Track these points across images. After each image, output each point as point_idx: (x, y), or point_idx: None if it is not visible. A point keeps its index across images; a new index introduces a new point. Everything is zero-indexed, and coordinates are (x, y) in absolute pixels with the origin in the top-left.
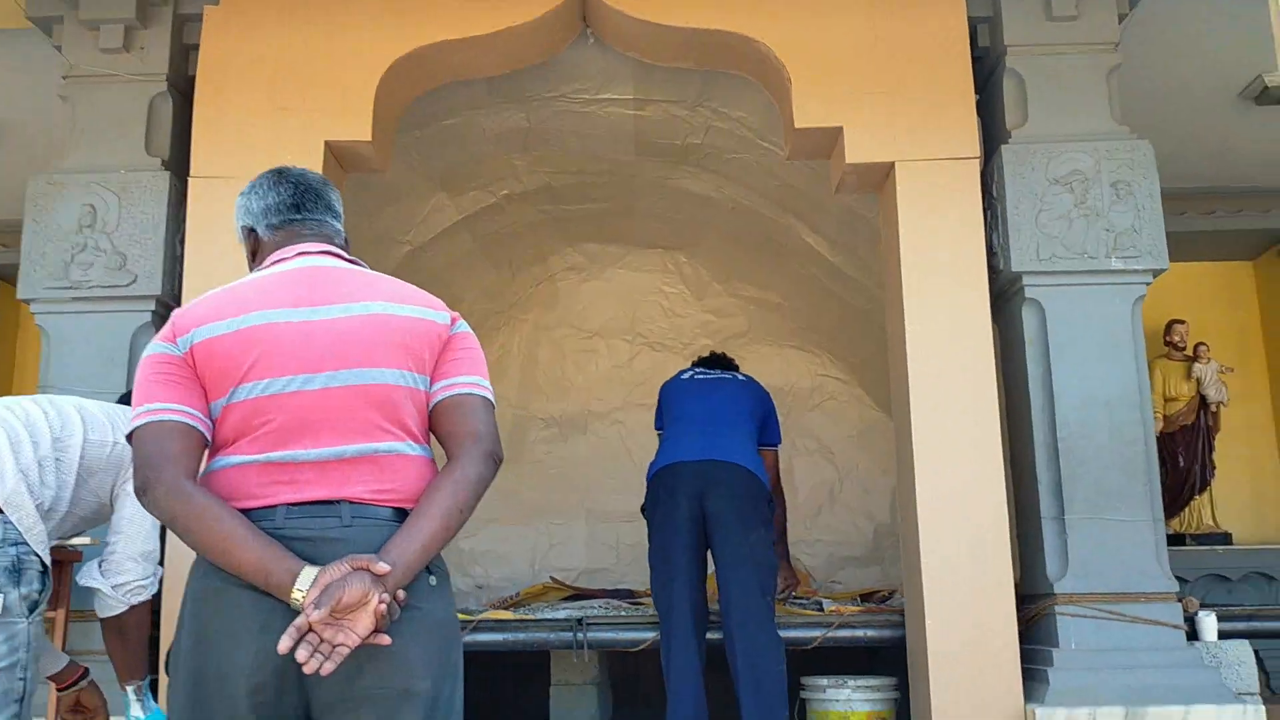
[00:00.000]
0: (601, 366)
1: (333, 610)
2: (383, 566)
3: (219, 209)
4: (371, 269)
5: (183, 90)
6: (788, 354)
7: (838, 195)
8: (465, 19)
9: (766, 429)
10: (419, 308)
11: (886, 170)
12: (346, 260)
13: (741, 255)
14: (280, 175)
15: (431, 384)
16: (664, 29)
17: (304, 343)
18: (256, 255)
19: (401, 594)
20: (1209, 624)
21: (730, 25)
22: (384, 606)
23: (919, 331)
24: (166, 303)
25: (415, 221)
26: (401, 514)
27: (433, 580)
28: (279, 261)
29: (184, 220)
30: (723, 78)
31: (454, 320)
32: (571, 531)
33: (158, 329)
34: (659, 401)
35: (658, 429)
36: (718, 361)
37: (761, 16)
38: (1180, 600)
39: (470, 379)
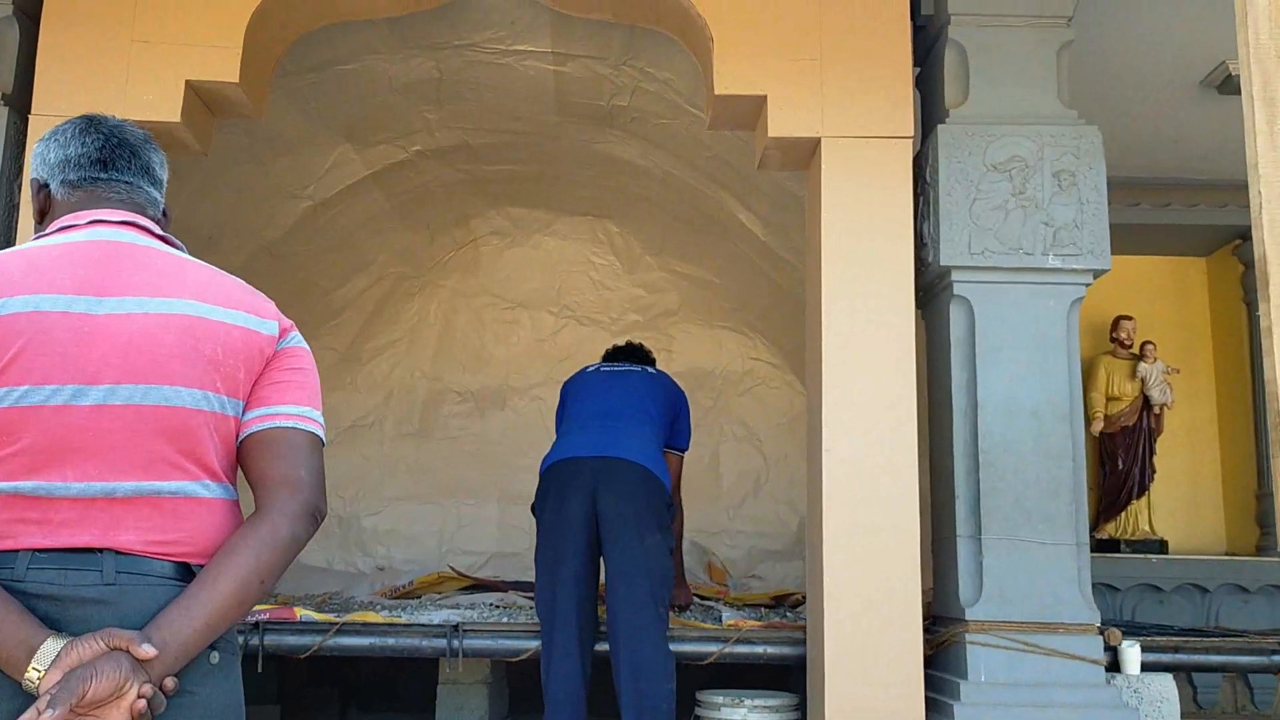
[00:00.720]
0: (523, 339)
1: (75, 706)
2: (147, 650)
3: None
4: (190, 253)
5: (33, 16)
6: (720, 335)
7: (763, 171)
8: None
9: (674, 430)
10: (239, 312)
11: (812, 147)
12: (156, 237)
13: (674, 228)
14: (90, 123)
15: (245, 411)
16: None
17: (80, 343)
18: (45, 218)
19: (171, 681)
20: (1132, 656)
21: None
22: (143, 703)
23: (836, 325)
24: None
25: (316, 174)
26: (188, 572)
27: (215, 657)
28: (67, 229)
29: (25, 165)
30: (648, 34)
31: (284, 331)
32: (483, 512)
33: None
34: (560, 398)
35: (558, 428)
36: (631, 353)
37: None
38: (1102, 632)
39: (296, 408)
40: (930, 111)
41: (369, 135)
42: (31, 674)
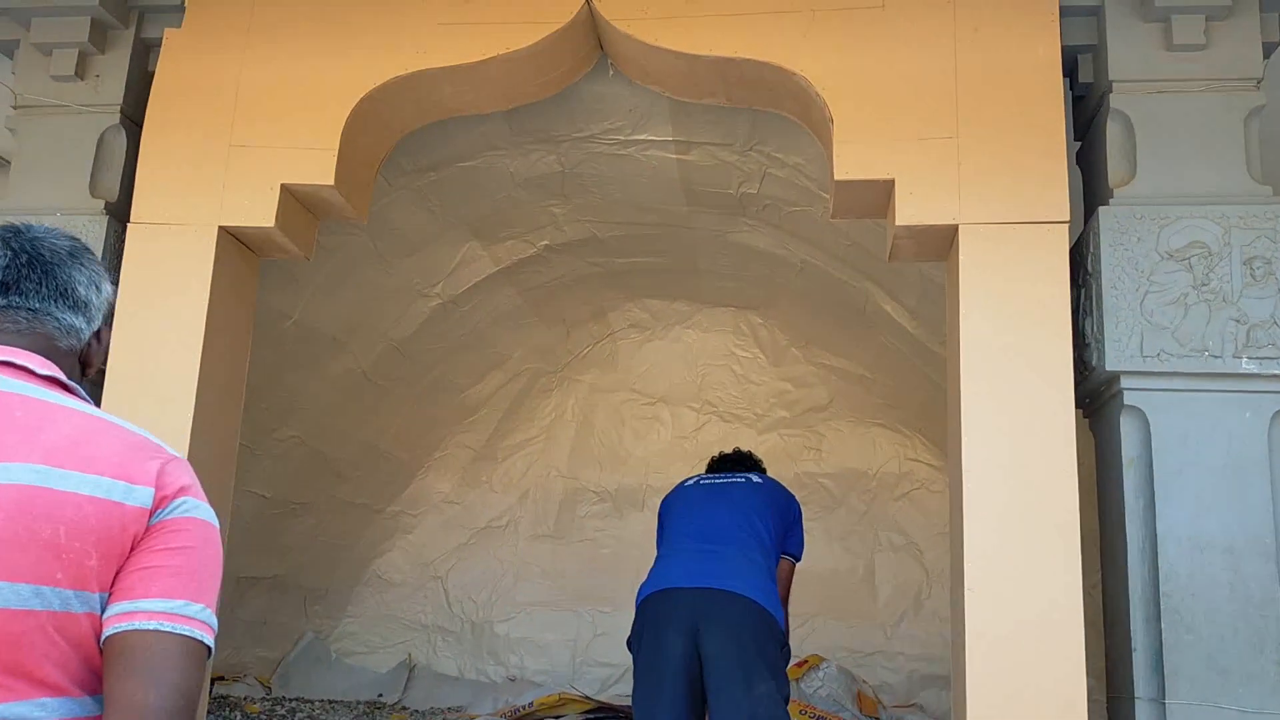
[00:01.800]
0: (664, 436)
1: None
2: None
3: (157, 262)
4: (88, 399)
5: (141, 124)
6: (874, 433)
7: (895, 263)
8: (447, 47)
9: (787, 540)
10: (100, 478)
11: (949, 235)
12: (40, 379)
13: (820, 319)
14: (6, 236)
15: (107, 605)
16: (684, 58)
17: None
18: None
19: None
20: None
21: (761, 54)
22: None
23: (979, 441)
24: (95, 381)
25: (444, 272)
26: None
27: None
28: None
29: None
30: (773, 118)
31: (165, 499)
32: (619, 620)
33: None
34: (659, 517)
35: (658, 550)
36: (736, 461)
37: (799, 43)
38: None
39: (163, 604)
40: (1093, 191)
41: (496, 231)
42: None
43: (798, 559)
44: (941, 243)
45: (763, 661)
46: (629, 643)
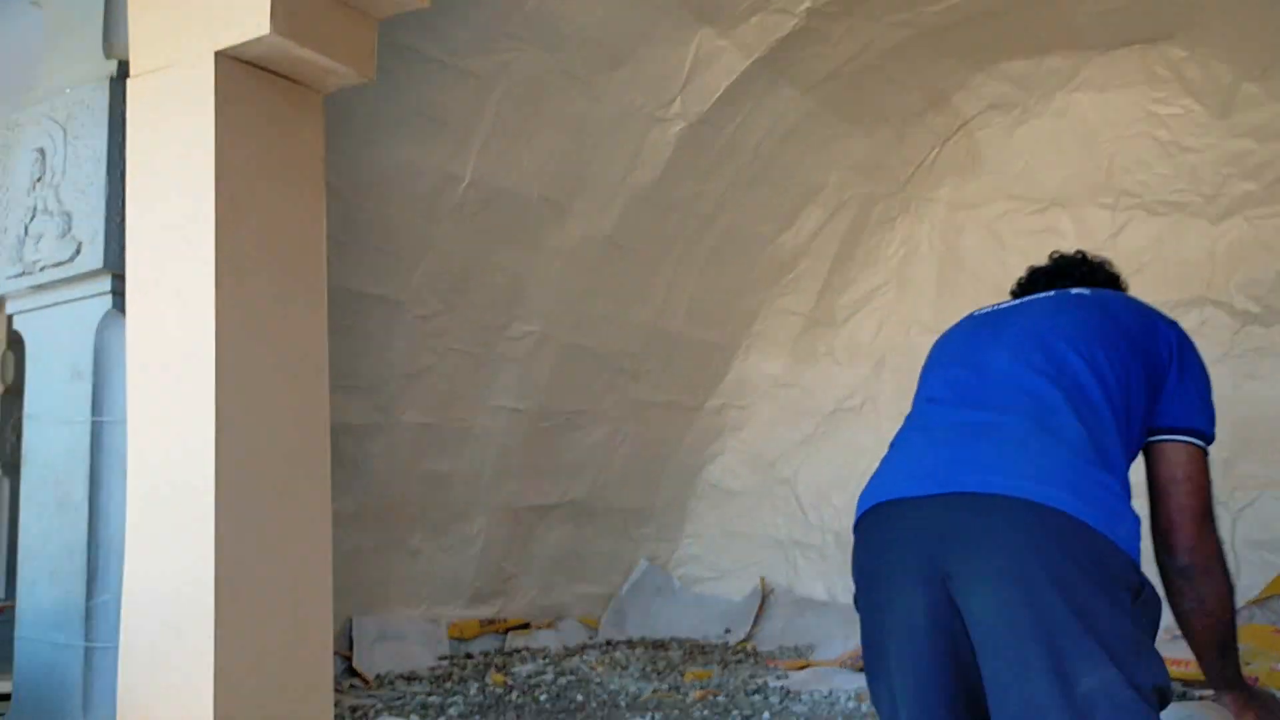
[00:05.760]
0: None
1: None
2: None
3: (161, 117)
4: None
5: None
6: None
7: None
8: None
9: (1164, 402)
10: None
11: None
12: None
13: (1269, 32)
14: None
15: None
16: None
17: None
18: None
19: None
20: None
21: None
22: None
23: None
24: (121, 277)
25: (676, 83)
26: None
27: None
28: None
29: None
30: None
31: None
32: None
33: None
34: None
35: None
36: (1064, 274)
37: None
38: None
39: None
40: None
41: (729, 5)
42: None
43: (1207, 439)
44: None
45: (1087, 628)
46: (855, 599)
